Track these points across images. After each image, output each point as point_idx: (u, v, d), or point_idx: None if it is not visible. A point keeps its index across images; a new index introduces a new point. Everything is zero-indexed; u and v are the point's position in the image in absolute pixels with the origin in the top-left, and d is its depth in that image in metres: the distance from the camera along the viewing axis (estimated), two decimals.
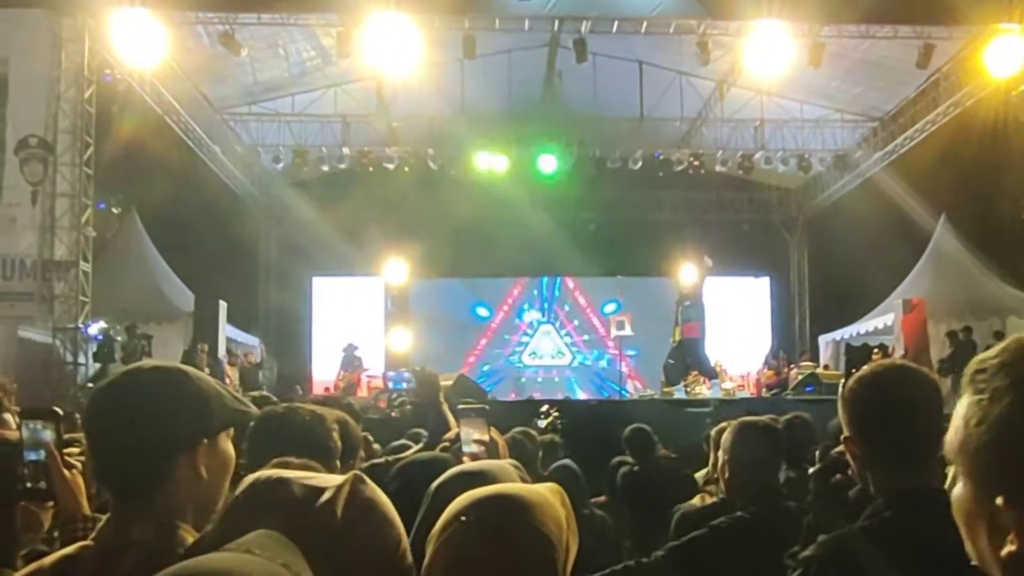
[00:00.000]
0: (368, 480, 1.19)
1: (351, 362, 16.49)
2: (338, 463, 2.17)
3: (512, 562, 1.21)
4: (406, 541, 1.19)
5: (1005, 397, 0.83)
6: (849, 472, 2.69)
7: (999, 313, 15.43)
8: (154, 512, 1.43)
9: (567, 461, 4.68)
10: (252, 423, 2.07)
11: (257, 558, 0.92)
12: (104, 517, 1.49)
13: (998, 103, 13.96)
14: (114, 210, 13.64)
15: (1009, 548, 0.81)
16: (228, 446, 1.55)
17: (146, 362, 1.63)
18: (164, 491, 1.44)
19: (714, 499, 3.92)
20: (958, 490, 0.89)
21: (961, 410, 0.89)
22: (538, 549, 1.22)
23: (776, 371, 17.01)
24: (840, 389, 1.90)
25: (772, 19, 12.77)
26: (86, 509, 1.70)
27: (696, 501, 4.24)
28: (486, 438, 2.91)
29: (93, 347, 13.11)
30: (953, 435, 0.89)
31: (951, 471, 0.91)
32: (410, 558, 1.23)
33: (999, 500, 0.81)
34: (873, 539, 1.68)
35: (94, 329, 13.00)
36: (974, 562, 0.87)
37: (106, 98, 13.11)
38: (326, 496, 1.14)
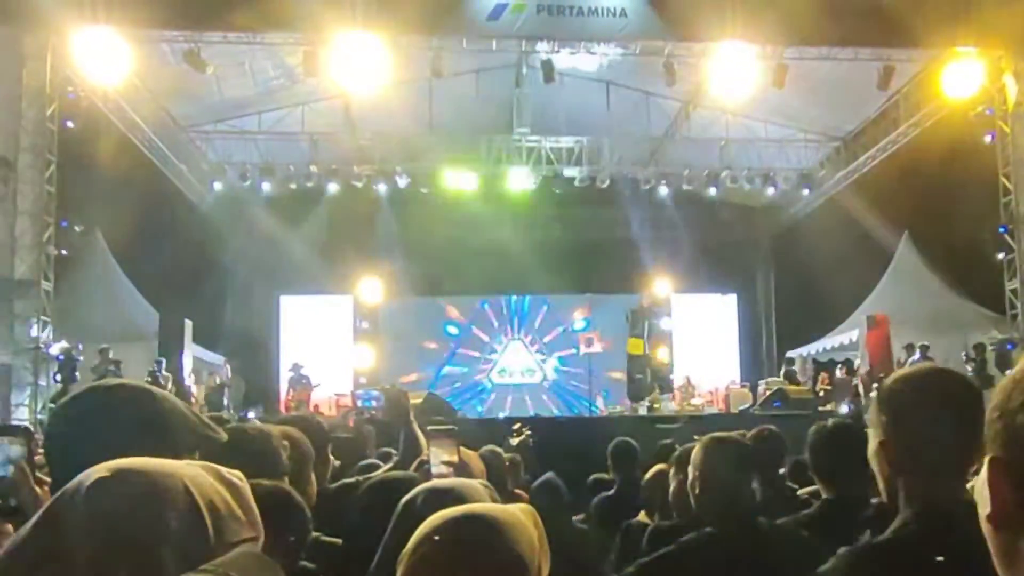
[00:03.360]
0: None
1: (299, 381, 16.42)
2: (287, 480, 2.15)
3: None
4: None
5: None
6: None
7: (961, 328, 15.66)
8: None
9: (551, 476, 4.67)
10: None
11: None
12: None
13: (957, 123, 14.25)
14: (77, 228, 13.41)
15: (985, 511, 0.82)
16: None
17: (112, 380, 1.58)
18: None
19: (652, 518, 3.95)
20: None
21: None
22: (511, 570, 1.22)
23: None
24: (876, 390, 1.82)
25: (736, 40, 12.96)
26: None
27: (642, 518, 4.26)
28: (455, 459, 2.90)
29: (55, 367, 12.88)
30: None
31: None
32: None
33: (987, 457, 0.82)
34: (894, 554, 1.61)
35: (55, 349, 12.77)
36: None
37: (69, 116, 12.94)
38: None
